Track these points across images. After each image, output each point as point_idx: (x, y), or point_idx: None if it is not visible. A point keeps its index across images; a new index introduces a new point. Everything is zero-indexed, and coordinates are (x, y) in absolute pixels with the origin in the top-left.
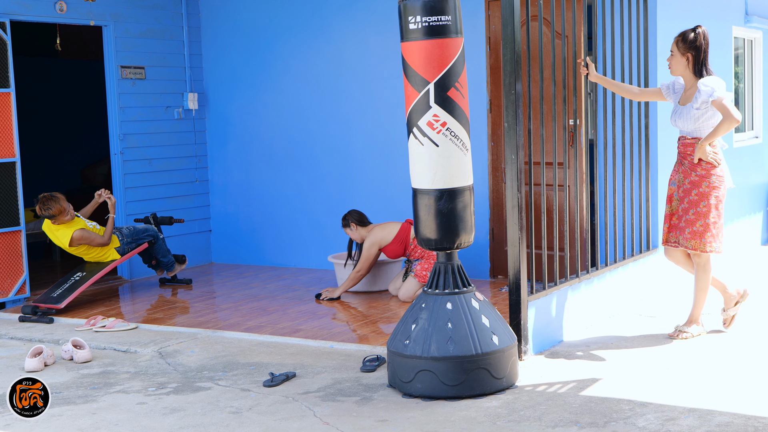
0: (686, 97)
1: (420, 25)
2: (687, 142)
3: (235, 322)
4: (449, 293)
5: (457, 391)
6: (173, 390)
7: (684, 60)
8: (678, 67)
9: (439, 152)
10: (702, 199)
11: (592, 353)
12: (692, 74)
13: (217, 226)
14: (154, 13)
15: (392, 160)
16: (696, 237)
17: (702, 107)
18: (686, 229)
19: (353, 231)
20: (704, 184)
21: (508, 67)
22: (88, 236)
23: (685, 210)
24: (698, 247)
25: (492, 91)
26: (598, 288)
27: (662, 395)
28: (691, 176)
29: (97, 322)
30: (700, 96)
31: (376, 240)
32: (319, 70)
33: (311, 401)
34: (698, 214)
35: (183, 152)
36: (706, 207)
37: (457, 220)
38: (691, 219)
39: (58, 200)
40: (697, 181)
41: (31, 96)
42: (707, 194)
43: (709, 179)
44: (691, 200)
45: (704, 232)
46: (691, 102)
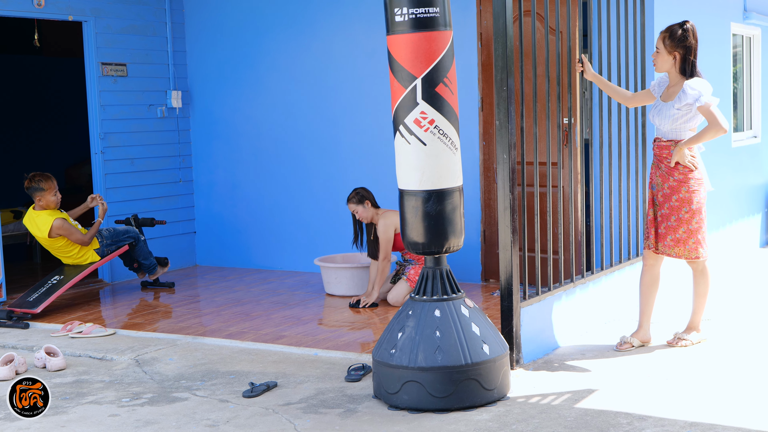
0: (668, 94)
1: (407, 17)
2: (663, 144)
3: (216, 328)
4: (437, 300)
5: (446, 403)
6: (148, 401)
7: (671, 58)
8: (663, 64)
9: (427, 151)
10: (683, 205)
11: (587, 362)
12: (678, 72)
13: (202, 227)
14: (137, 9)
15: (381, 160)
16: (680, 244)
17: (684, 109)
18: (668, 236)
19: (365, 209)
20: (683, 189)
21: (499, 62)
22: (68, 228)
23: (665, 216)
24: (682, 254)
25: (483, 89)
26: (594, 293)
27: (662, 408)
28: (669, 181)
29: (73, 327)
30: (685, 98)
31: (391, 223)
32: (306, 67)
33: (292, 413)
34: (680, 221)
35: (166, 151)
36: (689, 213)
37: (446, 223)
38: (673, 225)
39: (49, 177)
40: (675, 186)
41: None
42: (688, 199)
43: (687, 183)
44: (672, 206)
45: (688, 238)
46: (673, 101)
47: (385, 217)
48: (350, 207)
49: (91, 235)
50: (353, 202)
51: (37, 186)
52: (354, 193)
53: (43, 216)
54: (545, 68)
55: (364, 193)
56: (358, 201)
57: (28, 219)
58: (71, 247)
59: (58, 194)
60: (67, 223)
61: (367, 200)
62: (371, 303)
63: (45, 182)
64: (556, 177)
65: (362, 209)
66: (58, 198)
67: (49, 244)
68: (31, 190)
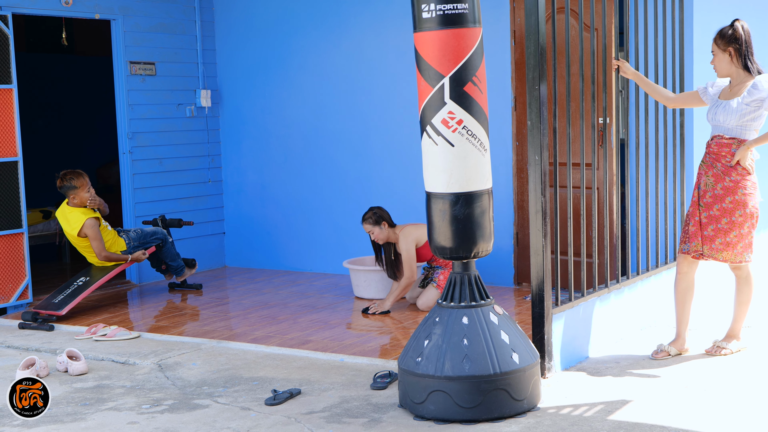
0: (732, 92)
1: (434, 14)
2: (724, 141)
3: (242, 332)
4: (465, 306)
5: (473, 413)
6: (168, 408)
7: (726, 56)
8: (722, 65)
9: (455, 153)
10: (738, 208)
11: (621, 371)
12: (739, 69)
13: (231, 228)
14: (165, 7)
15: (413, 160)
16: (729, 248)
17: (753, 105)
18: (717, 239)
19: (382, 230)
20: (739, 191)
21: (531, 60)
22: (96, 234)
23: (714, 218)
24: (729, 258)
25: (517, 88)
26: (629, 299)
27: (700, 422)
28: (725, 181)
29: (97, 330)
30: (757, 92)
31: (413, 238)
32: (337, 66)
33: (315, 423)
34: (733, 224)
35: (195, 151)
36: (742, 216)
37: (475, 227)
38: (724, 228)
39: (81, 174)
40: (732, 187)
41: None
42: (743, 203)
43: (745, 185)
44: (725, 208)
45: (737, 243)
46: (740, 96)
47: (405, 234)
48: (366, 228)
49: (110, 257)
50: (369, 223)
51: (69, 184)
52: (370, 213)
53: (76, 213)
54: (579, 67)
55: (381, 213)
56: (374, 222)
57: (61, 213)
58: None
59: (92, 190)
60: (98, 227)
61: (384, 221)
62: (381, 311)
63: (77, 179)
64: (590, 178)
65: (378, 230)
66: (92, 194)
67: (78, 242)
68: (64, 188)
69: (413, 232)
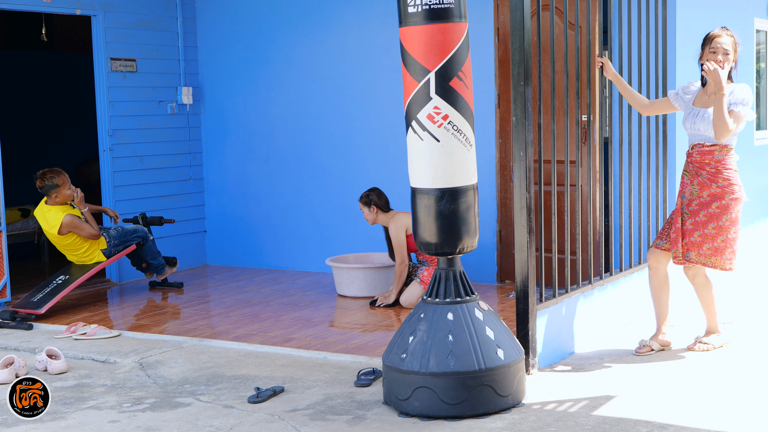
0: (710, 100)
1: (420, 8)
2: (705, 150)
3: (224, 330)
4: (450, 302)
5: (458, 410)
6: (150, 406)
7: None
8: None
9: (441, 148)
10: (724, 213)
11: (605, 367)
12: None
13: (212, 226)
14: (147, 3)
15: (396, 158)
16: (717, 253)
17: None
18: (704, 245)
19: (371, 212)
20: (727, 196)
21: (516, 57)
22: (78, 224)
23: (700, 224)
24: (718, 264)
25: (500, 85)
26: (612, 295)
27: (683, 416)
28: (711, 188)
29: (77, 329)
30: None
31: (402, 224)
32: (320, 63)
33: (298, 420)
34: (720, 229)
35: (176, 149)
36: (729, 221)
37: (460, 223)
38: (711, 234)
39: (60, 171)
40: (718, 193)
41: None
42: (730, 207)
43: (732, 191)
44: (711, 213)
45: (725, 248)
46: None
47: (396, 220)
48: (360, 207)
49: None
50: (361, 202)
51: (50, 183)
52: (365, 194)
53: (53, 211)
54: (564, 64)
55: (374, 196)
56: (364, 203)
57: (39, 212)
58: (79, 245)
59: (72, 187)
60: (77, 219)
61: (374, 204)
62: (387, 303)
63: (58, 177)
64: (574, 176)
65: (366, 212)
66: (73, 191)
67: (58, 241)
68: (45, 188)
69: (403, 218)
